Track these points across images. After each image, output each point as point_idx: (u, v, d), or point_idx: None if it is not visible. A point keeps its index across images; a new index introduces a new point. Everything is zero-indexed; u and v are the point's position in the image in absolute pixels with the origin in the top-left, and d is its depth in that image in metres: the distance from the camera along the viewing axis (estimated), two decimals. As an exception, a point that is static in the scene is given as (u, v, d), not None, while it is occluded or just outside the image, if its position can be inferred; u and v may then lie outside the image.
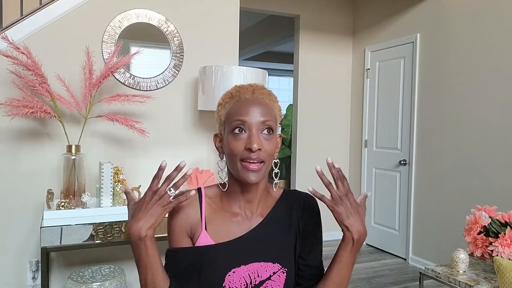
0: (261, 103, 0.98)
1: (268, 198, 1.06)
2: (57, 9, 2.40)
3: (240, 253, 0.99)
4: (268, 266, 0.99)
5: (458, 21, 3.44)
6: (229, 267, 0.98)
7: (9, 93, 2.25)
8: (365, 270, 3.72)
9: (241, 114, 0.96)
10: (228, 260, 0.98)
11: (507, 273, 1.70)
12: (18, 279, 2.35)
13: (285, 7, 4.50)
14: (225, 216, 1.03)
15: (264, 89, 1.03)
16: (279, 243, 1.02)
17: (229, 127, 0.97)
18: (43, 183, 2.35)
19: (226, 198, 1.04)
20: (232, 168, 0.98)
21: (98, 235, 1.99)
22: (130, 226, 0.93)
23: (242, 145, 0.95)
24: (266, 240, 1.01)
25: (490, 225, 1.93)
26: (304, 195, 1.09)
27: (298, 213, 1.06)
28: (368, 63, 4.50)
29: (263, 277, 0.99)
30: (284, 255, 1.02)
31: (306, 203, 1.08)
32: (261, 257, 1.00)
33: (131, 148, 2.59)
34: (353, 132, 4.77)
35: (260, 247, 1.00)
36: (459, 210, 3.30)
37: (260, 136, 0.95)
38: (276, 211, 1.05)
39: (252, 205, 1.03)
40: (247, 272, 0.98)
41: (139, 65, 2.58)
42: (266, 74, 2.57)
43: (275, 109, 1.02)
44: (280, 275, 1.00)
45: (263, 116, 0.96)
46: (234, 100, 1.00)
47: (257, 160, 0.94)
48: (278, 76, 9.14)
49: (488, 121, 3.18)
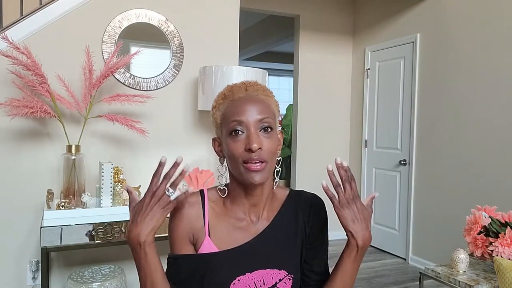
0: (257, 100, 0.94)
1: (273, 200, 1.03)
2: (57, 9, 2.40)
3: (245, 260, 0.96)
4: (274, 273, 0.97)
5: (458, 21, 3.44)
6: (234, 275, 0.95)
7: (9, 93, 2.25)
8: (365, 270, 3.72)
9: (237, 114, 0.92)
10: (233, 268, 0.95)
11: (507, 273, 1.70)
12: (18, 279, 2.35)
13: (285, 7, 4.50)
14: (229, 221, 0.99)
15: (258, 84, 0.99)
16: (285, 249, 0.99)
17: (226, 129, 0.93)
18: (43, 183, 2.35)
19: (230, 202, 1.00)
20: (234, 171, 0.94)
21: (98, 235, 1.99)
22: (129, 231, 0.90)
23: (241, 146, 0.90)
24: (272, 246, 0.98)
25: (490, 225, 1.93)
26: (311, 197, 1.06)
27: (305, 217, 1.03)
28: (368, 63, 4.50)
29: (268, 284, 0.96)
30: (290, 261, 0.99)
31: (313, 207, 1.04)
32: (267, 264, 0.97)
33: (131, 148, 2.59)
34: (353, 132, 4.77)
35: (266, 254, 0.97)
36: (459, 210, 3.30)
37: (259, 135, 0.91)
38: (282, 215, 1.01)
39: (258, 209, 1.00)
40: (253, 279, 0.95)
41: (139, 65, 2.58)
42: (266, 74, 2.57)
43: (272, 104, 0.98)
44: (286, 282, 0.97)
45: (260, 114, 0.92)
46: (228, 100, 0.96)
47: (259, 160, 0.90)
48: (278, 76, 9.14)
49: (488, 121, 3.18)
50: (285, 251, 0.99)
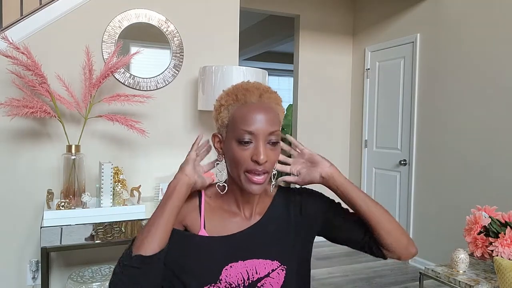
0: (268, 109, 0.95)
1: (265, 197, 1.07)
2: (57, 9, 2.40)
3: (237, 249, 0.99)
4: (267, 264, 0.99)
5: (458, 21, 3.44)
6: (227, 261, 0.97)
7: (9, 93, 2.25)
8: (365, 270, 3.72)
9: (248, 123, 0.92)
10: (226, 254, 0.98)
11: (507, 273, 1.70)
12: (18, 279, 2.35)
13: (285, 7, 4.50)
14: (223, 215, 1.02)
15: (272, 93, 0.99)
16: (278, 240, 1.02)
17: (234, 135, 0.94)
18: (43, 183, 2.35)
19: (225, 198, 1.03)
20: (234, 175, 0.97)
21: (98, 235, 1.99)
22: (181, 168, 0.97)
23: (248, 155, 0.92)
24: (265, 238, 1.01)
25: (490, 225, 1.93)
26: (298, 188, 1.12)
27: (296, 209, 1.07)
28: (368, 63, 4.50)
29: (261, 274, 0.98)
30: (284, 252, 1.01)
31: (303, 194, 1.10)
32: (260, 254, 0.99)
33: (131, 148, 2.59)
34: (353, 132, 4.77)
35: (259, 244, 1.00)
36: (459, 210, 3.30)
37: (266, 147, 0.93)
38: (274, 208, 1.05)
39: (251, 205, 1.03)
40: (245, 268, 0.97)
41: (139, 65, 2.58)
42: (266, 74, 2.57)
43: (280, 113, 0.99)
44: (279, 273, 0.99)
45: (271, 126, 0.93)
46: (240, 103, 0.95)
47: (263, 172, 0.93)
48: (278, 76, 9.13)
49: (488, 121, 3.18)
50: (278, 242, 1.02)
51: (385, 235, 1.02)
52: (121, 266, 0.91)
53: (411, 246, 1.05)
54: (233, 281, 0.96)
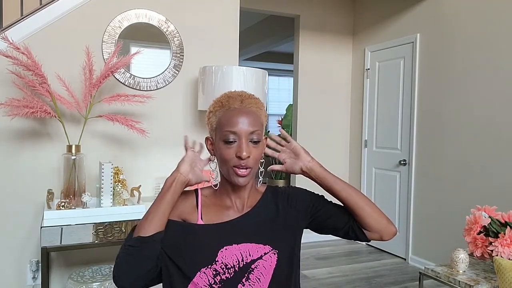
0: (249, 112, 1.08)
1: (255, 193, 1.19)
2: (57, 9, 2.40)
3: (232, 234, 1.09)
4: (260, 247, 1.08)
5: (458, 21, 3.44)
6: (222, 244, 1.07)
7: (9, 93, 2.25)
8: (365, 270, 3.72)
9: (232, 125, 1.06)
10: (221, 237, 1.08)
11: (507, 273, 1.70)
12: (18, 279, 2.36)
13: (285, 7, 4.50)
14: (218, 209, 1.14)
15: (252, 98, 1.12)
16: (268, 227, 1.13)
17: (221, 136, 1.08)
18: (43, 183, 2.36)
19: (219, 195, 1.16)
20: (223, 171, 1.11)
21: (98, 235, 2.00)
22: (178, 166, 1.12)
23: (233, 152, 1.06)
24: (256, 224, 1.12)
25: (490, 225, 1.94)
26: (286, 186, 1.26)
27: (284, 202, 1.18)
28: (368, 63, 4.50)
29: (254, 256, 1.07)
30: (274, 238, 1.11)
31: (290, 190, 1.22)
32: (253, 239, 1.09)
33: (131, 148, 2.59)
34: (353, 132, 4.77)
35: (251, 230, 1.11)
36: (459, 210, 3.30)
37: (248, 145, 1.07)
38: (263, 201, 1.17)
39: (242, 199, 1.15)
40: (239, 250, 1.07)
41: (139, 65, 2.58)
42: (266, 74, 2.57)
43: (262, 116, 1.12)
44: (271, 256, 1.08)
45: (251, 126, 1.07)
46: (224, 109, 1.10)
47: (246, 167, 1.06)
48: (278, 76, 9.12)
49: (488, 121, 3.18)
50: (268, 229, 1.13)
51: (367, 217, 1.14)
52: (124, 247, 1.05)
53: (390, 225, 1.16)
54: (228, 262, 1.05)
